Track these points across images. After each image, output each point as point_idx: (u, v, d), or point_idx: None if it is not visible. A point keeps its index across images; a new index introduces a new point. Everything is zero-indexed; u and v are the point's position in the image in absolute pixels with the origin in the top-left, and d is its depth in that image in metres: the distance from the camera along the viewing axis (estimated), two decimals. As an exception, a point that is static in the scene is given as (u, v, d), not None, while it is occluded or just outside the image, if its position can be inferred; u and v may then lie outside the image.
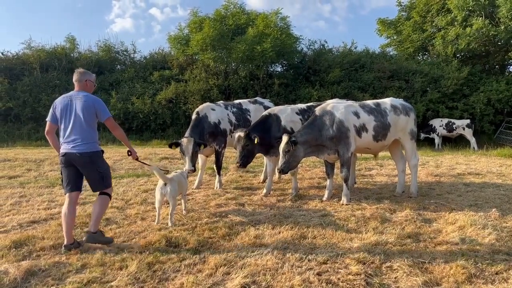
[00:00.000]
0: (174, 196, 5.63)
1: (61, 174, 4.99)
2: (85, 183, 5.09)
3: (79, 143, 4.75)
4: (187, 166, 7.22)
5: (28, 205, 6.87)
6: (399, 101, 7.67)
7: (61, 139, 4.91)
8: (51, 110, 4.97)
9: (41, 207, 6.72)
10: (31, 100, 21.58)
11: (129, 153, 5.41)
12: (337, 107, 7.09)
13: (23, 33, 65.81)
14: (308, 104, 8.41)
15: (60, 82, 22.59)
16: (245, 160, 7.20)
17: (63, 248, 4.67)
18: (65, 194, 4.88)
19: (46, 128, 5.05)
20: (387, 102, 7.55)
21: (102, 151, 5.05)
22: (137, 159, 5.61)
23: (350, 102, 7.60)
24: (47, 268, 4.14)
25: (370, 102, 7.64)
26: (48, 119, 4.99)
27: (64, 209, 4.80)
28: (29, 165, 11.23)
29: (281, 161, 6.63)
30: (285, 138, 6.59)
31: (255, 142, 7.03)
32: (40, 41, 38.61)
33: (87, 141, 4.80)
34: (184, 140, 7.44)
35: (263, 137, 7.19)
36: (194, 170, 7.38)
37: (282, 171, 6.65)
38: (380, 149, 7.77)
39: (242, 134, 7.16)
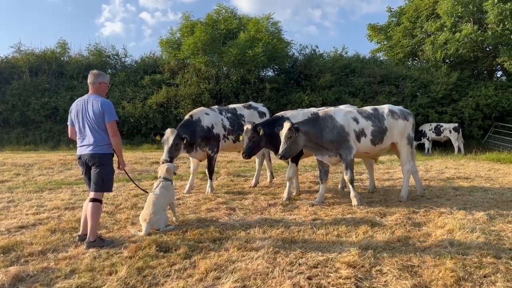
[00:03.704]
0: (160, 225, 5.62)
1: (82, 173, 5.33)
2: (79, 186, 5.07)
3: (92, 146, 4.97)
4: (163, 156, 7.23)
5: (16, 210, 6.79)
6: (398, 107, 7.90)
7: (77, 142, 5.15)
8: (69, 114, 5.23)
9: (30, 212, 6.64)
10: (20, 104, 21.39)
11: (119, 165, 5.31)
12: (338, 113, 7.25)
13: (13, 37, 65.33)
14: (320, 108, 8.54)
15: (49, 86, 22.43)
16: (250, 151, 7.34)
17: (77, 237, 5.17)
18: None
19: (69, 133, 5.30)
20: (384, 107, 7.74)
21: (112, 154, 5.14)
22: (128, 175, 5.96)
23: (356, 109, 7.80)
24: (35, 274, 4.09)
25: (368, 108, 7.80)
26: (68, 123, 5.25)
27: (84, 204, 5.24)
28: (17, 169, 11.10)
29: (282, 146, 6.70)
30: (287, 125, 6.68)
31: (260, 134, 7.20)
32: (29, 45, 38.46)
33: (100, 143, 4.99)
34: (167, 131, 7.50)
35: (272, 136, 7.27)
36: (169, 161, 7.15)
37: (283, 157, 6.76)
38: (379, 153, 7.92)
39: (249, 126, 7.34)
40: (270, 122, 7.89)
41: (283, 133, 6.70)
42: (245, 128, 7.46)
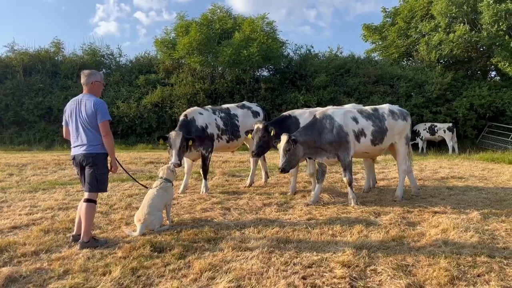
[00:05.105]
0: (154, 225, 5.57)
1: (77, 174, 5.29)
2: (73, 187, 5.02)
3: (85, 146, 4.94)
4: (172, 159, 7.24)
5: (10, 211, 6.73)
6: (396, 107, 7.91)
7: (71, 143, 5.11)
8: (63, 114, 5.20)
9: (23, 212, 6.58)
10: (14, 104, 21.27)
11: (110, 167, 5.21)
12: (337, 112, 7.20)
13: (6, 36, 64.93)
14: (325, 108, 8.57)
15: (43, 86, 22.31)
16: (260, 150, 7.46)
17: (70, 237, 5.12)
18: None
19: (63, 133, 5.28)
20: (385, 107, 7.73)
21: (106, 154, 5.07)
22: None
23: (358, 107, 7.86)
24: (28, 275, 4.06)
25: (368, 108, 7.81)
26: (63, 123, 5.23)
27: (79, 204, 5.18)
28: (11, 169, 11.02)
29: (281, 160, 6.67)
30: (284, 138, 6.63)
31: (271, 134, 7.22)
32: (23, 44, 38.24)
33: (94, 143, 4.96)
34: (172, 133, 7.47)
35: (281, 134, 7.26)
36: (180, 165, 7.39)
37: (284, 170, 6.72)
38: (378, 153, 7.96)
39: (260, 125, 7.38)
40: (278, 121, 7.93)
41: (281, 146, 6.65)
42: (255, 127, 7.49)
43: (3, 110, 21.27)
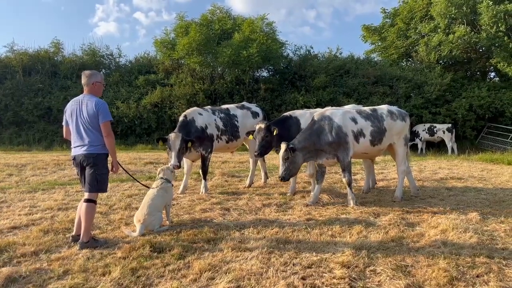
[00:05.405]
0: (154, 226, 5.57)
1: (77, 174, 5.28)
2: (73, 187, 5.02)
3: (86, 146, 4.94)
4: (172, 161, 7.25)
5: (9, 211, 6.73)
6: (395, 108, 7.92)
7: (71, 143, 5.12)
8: (64, 114, 5.21)
9: (22, 212, 6.58)
10: (13, 104, 21.25)
11: (112, 167, 5.22)
12: (335, 113, 7.20)
13: (6, 36, 64.98)
14: (327, 108, 8.59)
15: (43, 86, 22.29)
16: (263, 150, 7.50)
17: (70, 238, 5.13)
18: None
19: (64, 133, 5.28)
20: (383, 108, 7.74)
21: (107, 155, 5.08)
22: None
23: (358, 107, 7.87)
24: (28, 275, 4.06)
25: (367, 108, 7.83)
26: (63, 123, 5.23)
27: (79, 204, 5.18)
28: (10, 170, 11.02)
29: (281, 168, 6.71)
30: (283, 146, 6.67)
31: (274, 133, 7.29)
32: (23, 44, 38.23)
33: (94, 143, 4.97)
34: (171, 135, 7.48)
35: (283, 135, 7.33)
36: (179, 167, 7.41)
37: (283, 179, 6.76)
38: (377, 154, 7.97)
39: (262, 125, 7.41)
40: (279, 121, 7.97)
41: (280, 154, 6.71)
42: (257, 127, 7.51)
43: (3, 110, 21.25)
